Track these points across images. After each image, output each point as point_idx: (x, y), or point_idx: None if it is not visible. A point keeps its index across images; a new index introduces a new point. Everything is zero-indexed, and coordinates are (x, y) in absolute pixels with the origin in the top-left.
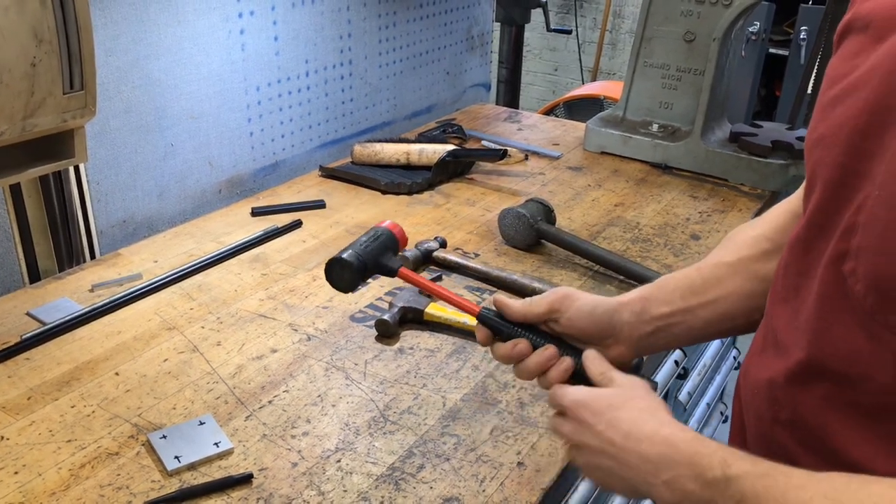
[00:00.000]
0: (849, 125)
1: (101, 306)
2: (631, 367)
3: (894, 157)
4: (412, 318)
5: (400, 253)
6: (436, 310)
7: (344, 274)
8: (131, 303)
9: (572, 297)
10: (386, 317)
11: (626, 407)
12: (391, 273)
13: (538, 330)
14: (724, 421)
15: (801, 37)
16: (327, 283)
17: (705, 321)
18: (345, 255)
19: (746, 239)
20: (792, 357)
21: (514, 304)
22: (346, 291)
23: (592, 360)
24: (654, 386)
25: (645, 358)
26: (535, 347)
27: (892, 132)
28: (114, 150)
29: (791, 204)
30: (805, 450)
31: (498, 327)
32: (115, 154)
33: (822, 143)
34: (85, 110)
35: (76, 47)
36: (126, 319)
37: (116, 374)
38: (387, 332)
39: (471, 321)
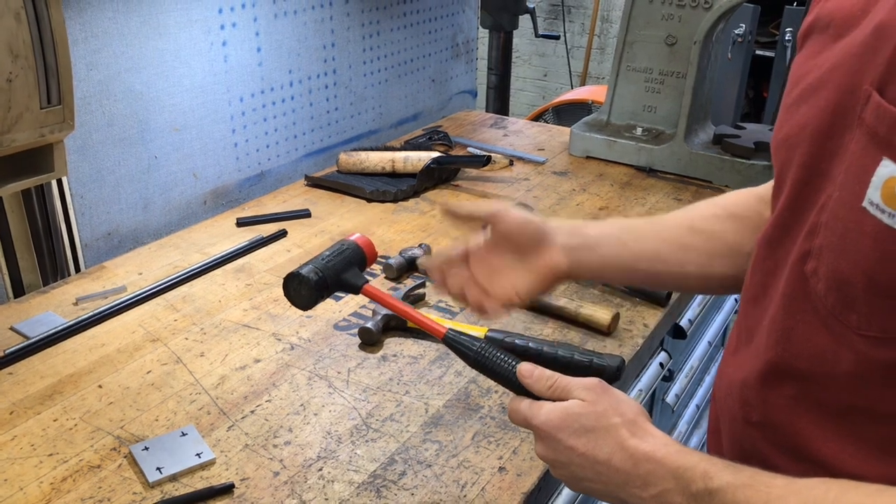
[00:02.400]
0: (811, 125)
1: (85, 319)
2: (613, 370)
3: (853, 157)
4: (395, 326)
5: (389, 260)
6: None
7: (301, 290)
8: (115, 315)
9: (508, 208)
10: (369, 325)
11: (602, 428)
12: (354, 290)
13: (503, 349)
14: None
15: (787, 38)
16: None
17: (635, 255)
18: (303, 271)
19: (702, 203)
20: (761, 357)
21: (460, 208)
22: (303, 309)
23: (531, 376)
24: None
25: (627, 361)
26: (502, 371)
27: (851, 133)
28: (97, 163)
29: (759, 188)
30: (777, 450)
31: (464, 350)
32: (98, 167)
33: (787, 144)
34: (63, 125)
35: (52, 62)
36: (110, 332)
37: (99, 386)
38: (370, 341)
39: (454, 327)
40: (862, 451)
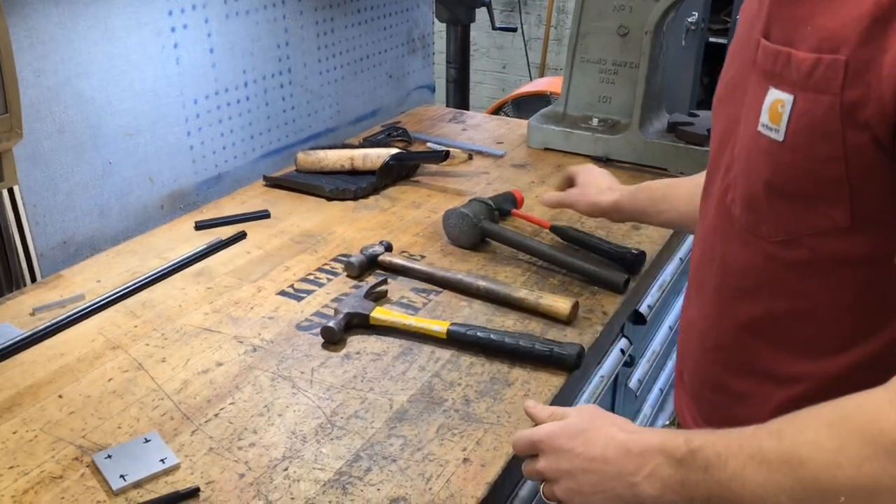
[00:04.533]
0: (732, 83)
1: (43, 329)
2: (574, 358)
3: (751, 95)
4: (358, 324)
5: (350, 259)
6: (382, 314)
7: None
8: (74, 324)
9: (588, 174)
10: (331, 324)
11: (595, 427)
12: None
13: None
14: None
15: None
16: (273, 294)
17: (663, 221)
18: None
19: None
20: (707, 285)
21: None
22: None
23: (534, 407)
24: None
25: (587, 349)
26: None
27: (752, 77)
28: (49, 171)
29: None
30: (729, 371)
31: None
32: (50, 175)
33: (719, 102)
34: (10, 133)
35: None
36: (69, 341)
37: (60, 396)
38: (332, 339)
39: (417, 322)
40: (792, 353)
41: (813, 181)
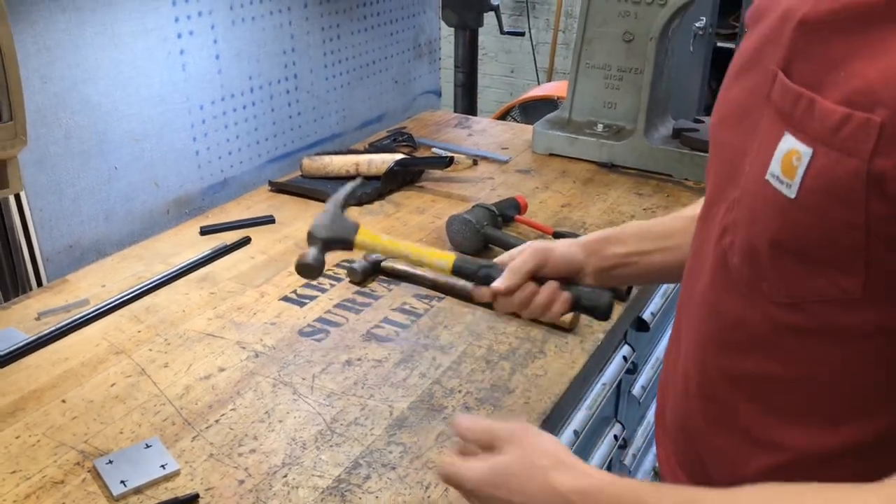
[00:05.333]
0: (738, 106)
1: (48, 334)
2: (606, 307)
3: (763, 133)
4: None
5: (353, 264)
6: (369, 238)
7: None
8: (78, 329)
9: (548, 250)
10: (308, 259)
11: (529, 472)
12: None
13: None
14: None
15: (746, 29)
16: (275, 300)
17: (661, 264)
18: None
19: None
20: (696, 329)
21: (507, 280)
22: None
23: (465, 427)
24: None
25: (588, 357)
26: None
27: (764, 112)
28: (55, 176)
29: None
30: (712, 424)
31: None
32: (56, 180)
33: (721, 125)
34: (15, 140)
35: (1, 78)
36: (73, 346)
37: (63, 401)
38: (312, 275)
39: (414, 251)
40: (782, 419)
41: (826, 246)
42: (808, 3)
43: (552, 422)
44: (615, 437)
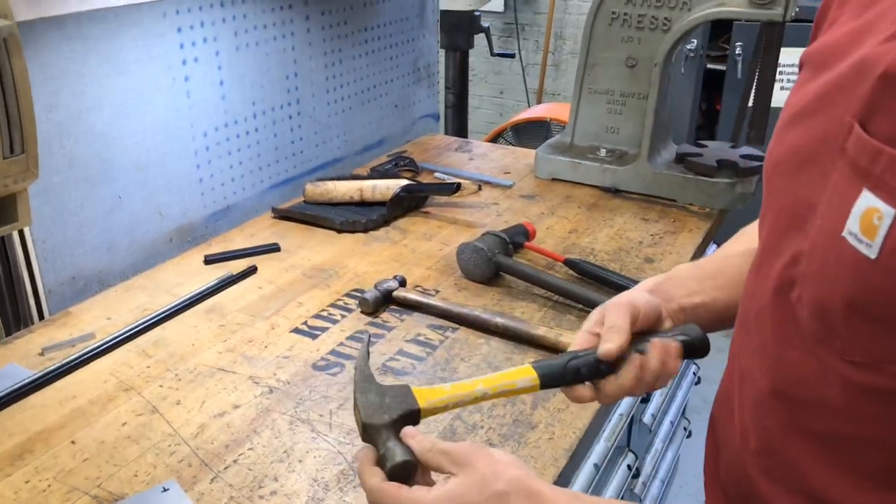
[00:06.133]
0: (799, 152)
1: (53, 370)
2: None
3: (836, 187)
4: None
5: (365, 294)
6: (431, 398)
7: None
8: (85, 364)
9: (632, 301)
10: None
11: (488, 499)
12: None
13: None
14: (688, 436)
15: (737, 52)
16: (286, 332)
17: (725, 305)
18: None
19: (756, 231)
20: (756, 384)
21: (613, 341)
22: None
23: (413, 438)
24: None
25: None
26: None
27: (834, 163)
28: (59, 206)
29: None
30: (771, 480)
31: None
32: (60, 210)
33: (777, 169)
34: (27, 174)
35: (15, 112)
36: (80, 382)
37: (73, 442)
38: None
39: (490, 386)
40: (857, 481)
41: None
42: (892, 54)
43: (577, 457)
44: (628, 466)
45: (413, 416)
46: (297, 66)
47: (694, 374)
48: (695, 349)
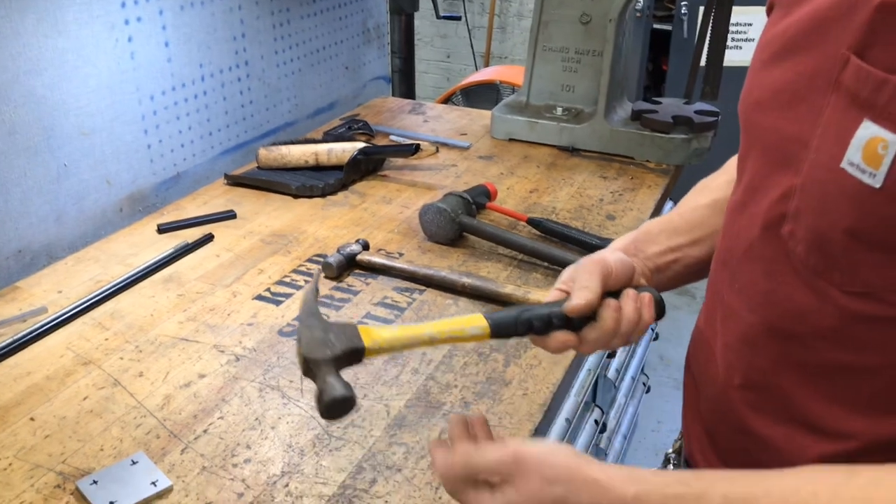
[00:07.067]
0: (785, 90)
1: (5, 347)
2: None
3: (830, 120)
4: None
5: (328, 259)
6: (376, 336)
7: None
8: (38, 339)
9: (604, 259)
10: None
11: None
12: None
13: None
14: (647, 391)
15: (682, 11)
16: (249, 299)
17: (697, 259)
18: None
19: (718, 184)
20: (743, 320)
21: (582, 297)
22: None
23: (446, 465)
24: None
25: None
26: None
27: (826, 97)
28: (0, 175)
29: (728, 169)
30: (757, 412)
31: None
32: (2, 180)
33: (759, 108)
34: None
35: None
36: (35, 358)
37: (32, 419)
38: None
39: (439, 329)
40: (847, 407)
41: None
42: None
43: (549, 413)
44: (595, 422)
45: (357, 354)
46: (244, 26)
47: (652, 329)
48: (661, 308)
